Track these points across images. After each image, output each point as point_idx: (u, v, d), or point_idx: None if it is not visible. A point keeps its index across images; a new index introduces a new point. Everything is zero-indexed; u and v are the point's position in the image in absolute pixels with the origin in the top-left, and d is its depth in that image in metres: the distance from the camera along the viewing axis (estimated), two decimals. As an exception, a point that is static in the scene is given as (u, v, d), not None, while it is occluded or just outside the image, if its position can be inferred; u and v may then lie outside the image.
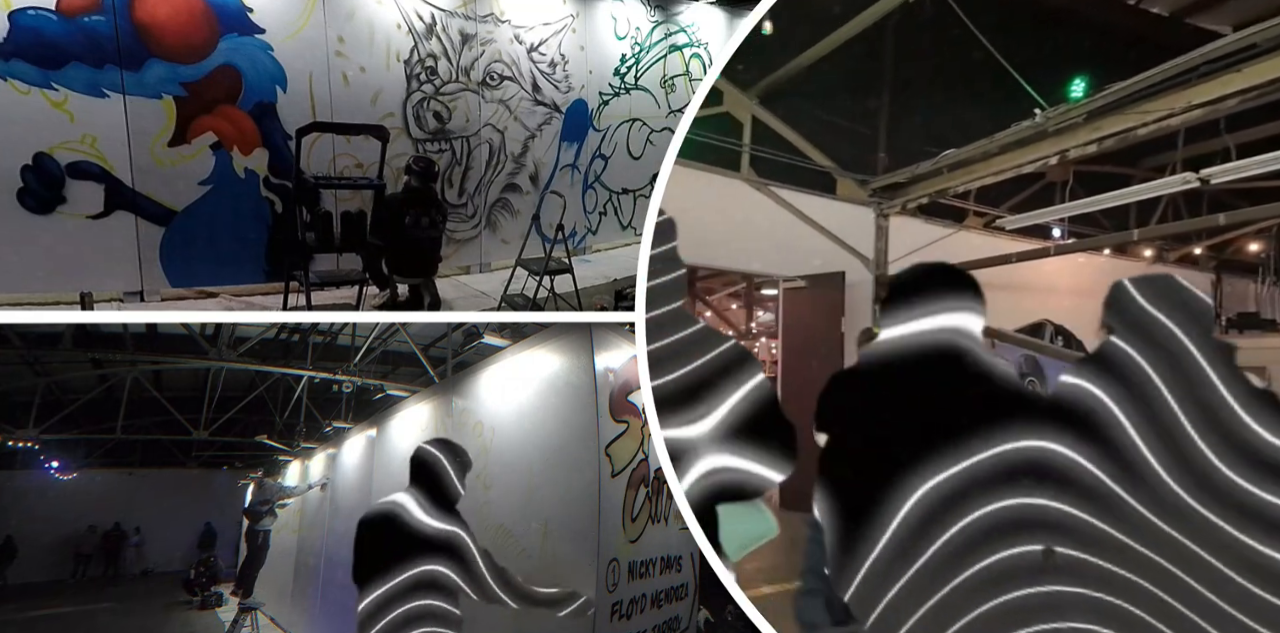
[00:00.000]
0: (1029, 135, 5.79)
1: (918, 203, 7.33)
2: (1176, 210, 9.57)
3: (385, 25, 6.51)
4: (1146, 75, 4.78)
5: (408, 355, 7.62)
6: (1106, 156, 6.45)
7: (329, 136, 6.07)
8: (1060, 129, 5.56)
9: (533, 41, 7.89)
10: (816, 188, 7.42)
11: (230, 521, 14.99)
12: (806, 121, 7.68)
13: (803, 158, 7.51)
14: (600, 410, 3.54)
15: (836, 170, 7.59)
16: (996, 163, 6.27)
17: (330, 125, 5.85)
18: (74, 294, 5.08)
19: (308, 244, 5.38)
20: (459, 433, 4.57)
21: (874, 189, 7.48)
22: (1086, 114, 5.32)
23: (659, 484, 3.92)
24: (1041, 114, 5.51)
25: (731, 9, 9.97)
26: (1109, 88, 5.06)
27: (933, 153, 6.64)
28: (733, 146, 7.25)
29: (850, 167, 7.62)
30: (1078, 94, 5.74)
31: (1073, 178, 7.73)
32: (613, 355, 3.70)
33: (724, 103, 7.46)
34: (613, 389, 3.66)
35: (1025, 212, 7.51)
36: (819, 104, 7.67)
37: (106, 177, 5.23)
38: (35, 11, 4.80)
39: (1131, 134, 5.19)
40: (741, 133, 7.65)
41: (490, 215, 7.83)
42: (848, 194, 7.60)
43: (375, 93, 6.51)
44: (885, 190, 7.48)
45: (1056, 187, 8.29)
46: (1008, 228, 7.74)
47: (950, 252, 7.17)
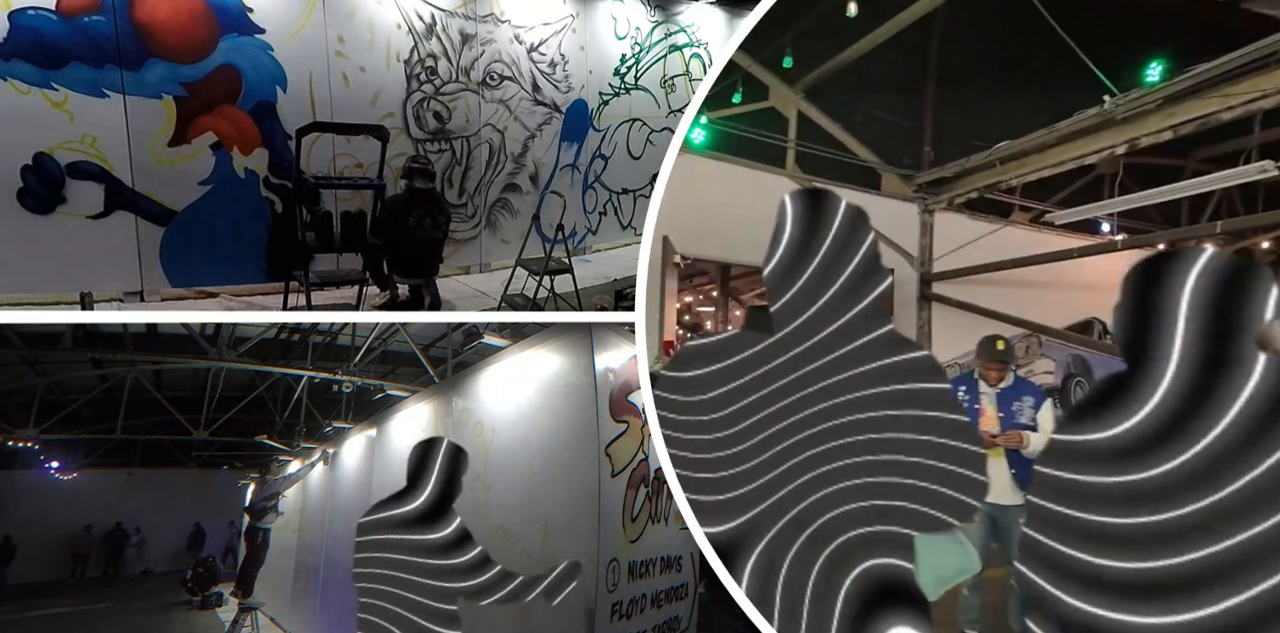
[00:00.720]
0: (1094, 124, 5.49)
1: (966, 198, 7.07)
2: (1230, 204, 9.00)
3: (385, 25, 6.51)
4: (1234, 56, 4.49)
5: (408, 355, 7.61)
6: (1154, 149, 6.08)
7: (329, 136, 6.07)
8: (1130, 116, 5.26)
9: (533, 41, 7.89)
10: (860, 184, 7.25)
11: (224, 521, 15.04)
12: (851, 116, 7.50)
13: (847, 153, 7.32)
14: (600, 410, 3.54)
15: (881, 165, 7.42)
16: (1055, 154, 5.97)
17: (330, 125, 5.85)
18: (74, 294, 5.08)
19: (308, 244, 5.38)
20: (459, 433, 4.57)
21: (919, 184, 7.26)
22: (1162, 100, 5.02)
23: (659, 484, 3.92)
24: (1111, 101, 5.21)
25: (731, 9, 9.97)
26: (1189, 70, 4.77)
27: (981, 146, 6.41)
28: (778, 142, 7.07)
29: (895, 162, 7.43)
30: (1154, 78, 5.39)
31: (1122, 170, 7.32)
32: (613, 355, 3.70)
33: (770, 98, 7.26)
34: (613, 389, 3.66)
35: (1074, 206, 7.14)
36: (864, 98, 7.48)
37: (106, 177, 5.23)
38: (35, 11, 4.80)
39: (1213, 119, 4.87)
40: (787, 128, 7.51)
41: (490, 215, 7.83)
42: (892, 190, 7.40)
43: (375, 93, 6.51)
44: (931, 185, 7.25)
45: (1105, 180, 7.85)
46: (1058, 222, 7.42)
47: (997, 248, 7.03)
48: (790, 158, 7.21)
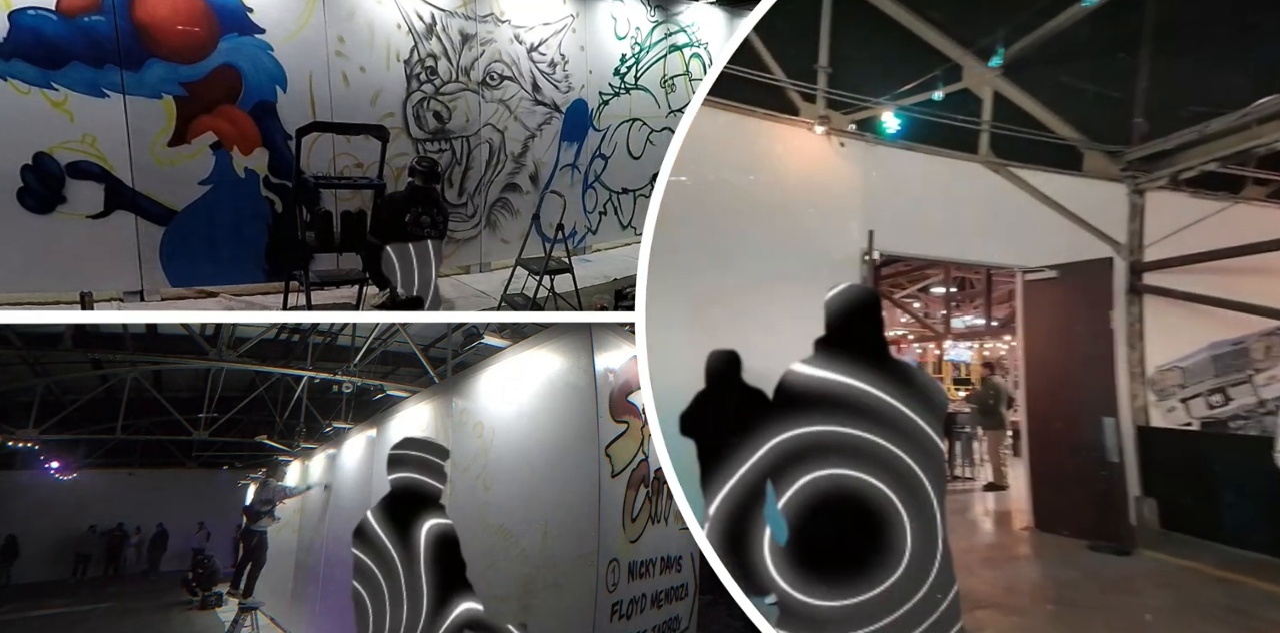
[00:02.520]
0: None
1: (1192, 173, 6.16)
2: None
3: (385, 25, 6.51)
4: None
5: (408, 355, 7.62)
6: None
7: (329, 136, 6.07)
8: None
9: (533, 41, 7.88)
10: (1058, 165, 6.50)
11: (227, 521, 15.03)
12: (1049, 90, 6.67)
13: (1045, 132, 6.56)
14: (600, 410, 3.54)
15: (1084, 143, 6.59)
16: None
17: (330, 125, 5.85)
18: (74, 294, 5.08)
19: (308, 244, 5.38)
20: (459, 433, 4.57)
21: (1129, 162, 6.42)
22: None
23: (659, 484, 3.92)
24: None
25: (731, 9, 9.97)
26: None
27: (1213, 112, 5.63)
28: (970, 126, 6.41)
29: (1100, 137, 6.58)
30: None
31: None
32: (613, 355, 3.70)
33: (963, 78, 6.54)
34: (613, 389, 3.66)
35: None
36: (1065, 68, 6.61)
37: (106, 177, 5.23)
38: (35, 11, 4.80)
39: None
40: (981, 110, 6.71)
41: (490, 215, 7.83)
42: (1095, 169, 6.58)
43: (375, 93, 6.51)
44: (1143, 162, 6.43)
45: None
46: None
47: (1226, 230, 6.09)
48: (984, 142, 6.45)
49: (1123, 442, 5.37)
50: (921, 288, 12.04)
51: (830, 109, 5.60)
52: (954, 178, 6.05)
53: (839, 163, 5.64)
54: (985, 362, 10.05)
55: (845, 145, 5.61)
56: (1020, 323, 6.47)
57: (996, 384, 8.18)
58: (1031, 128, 6.49)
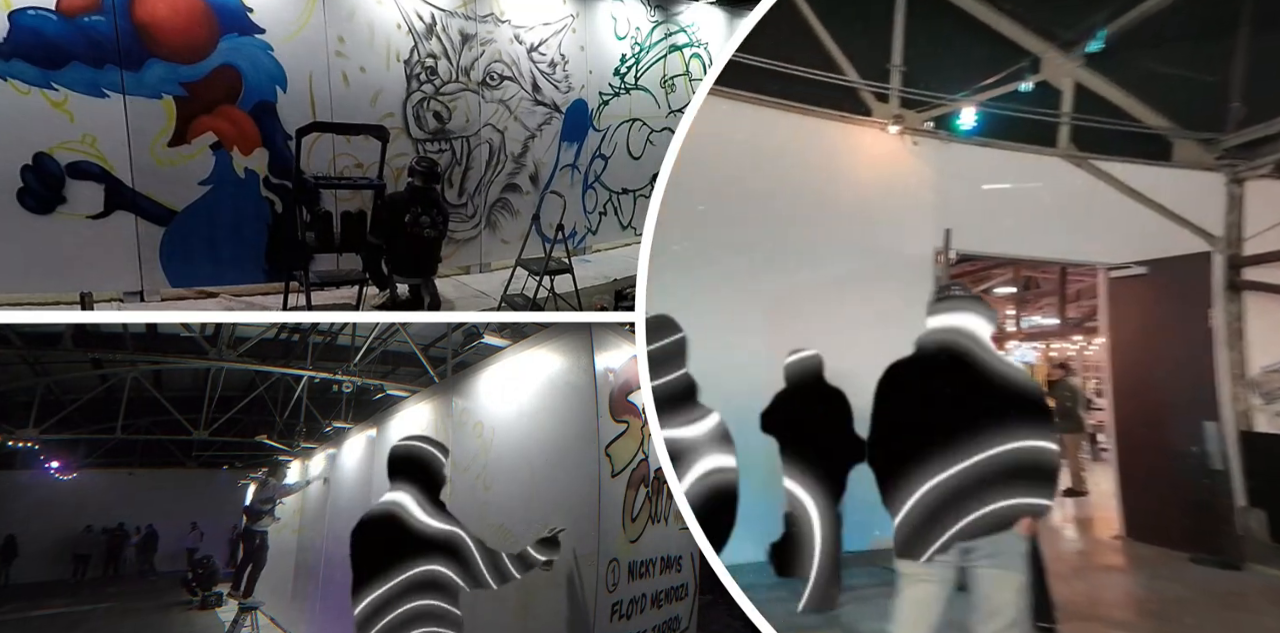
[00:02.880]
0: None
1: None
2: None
3: (385, 25, 6.51)
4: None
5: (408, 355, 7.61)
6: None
7: (329, 136, 6.07)
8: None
9: (533, 41, 7.89)
10: (1145, 156, 6.19)
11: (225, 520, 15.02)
12: (1135, 77, 6.34)
13: (1130, 121, 6.21)
14: (600, 410, 3.54)
15: (1174, 131, 6.27)
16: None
17: (330, 125, 5.85)
18: (74, 294, 5.08)
19: (308, 244, 5.38)
20: (459, 433, 4.57)
21: (1225, 149, 6.05)
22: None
23: (659, 484, 3.91)
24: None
25: (731, 9, 9.97)
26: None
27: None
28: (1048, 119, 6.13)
29: (1192, 125, 6.24)
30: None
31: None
32: (613, 355, 3.70)
33: (1041, 70, 6.32)
34: (613, 389, 3.66)
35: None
36: (1151, 54, 6.24)
37: (106, 177, 5.23)
38: (35, 11, 4.80)
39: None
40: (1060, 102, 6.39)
41: (490, 215, 7.83)
42: (1186, 159, 6.25)
43: (375, 93, 6.51)
44: (1241, 149, 6.06)
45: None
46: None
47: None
48: (1064, 135, 6.20)
49: (1226, 448, 5.08)
50: (985, 288, 11.58)
51: (904, 108, 5.49)
52: (1032, 173, 5.83)
53: (912, 161, 5.52)
54: (1059, 363, 9.59)
55: (918, 144, 5.50)
56: (1105, 322, 6.19)
57: (1073, 386, 7.94)
58: (1116, 118, 6.16)
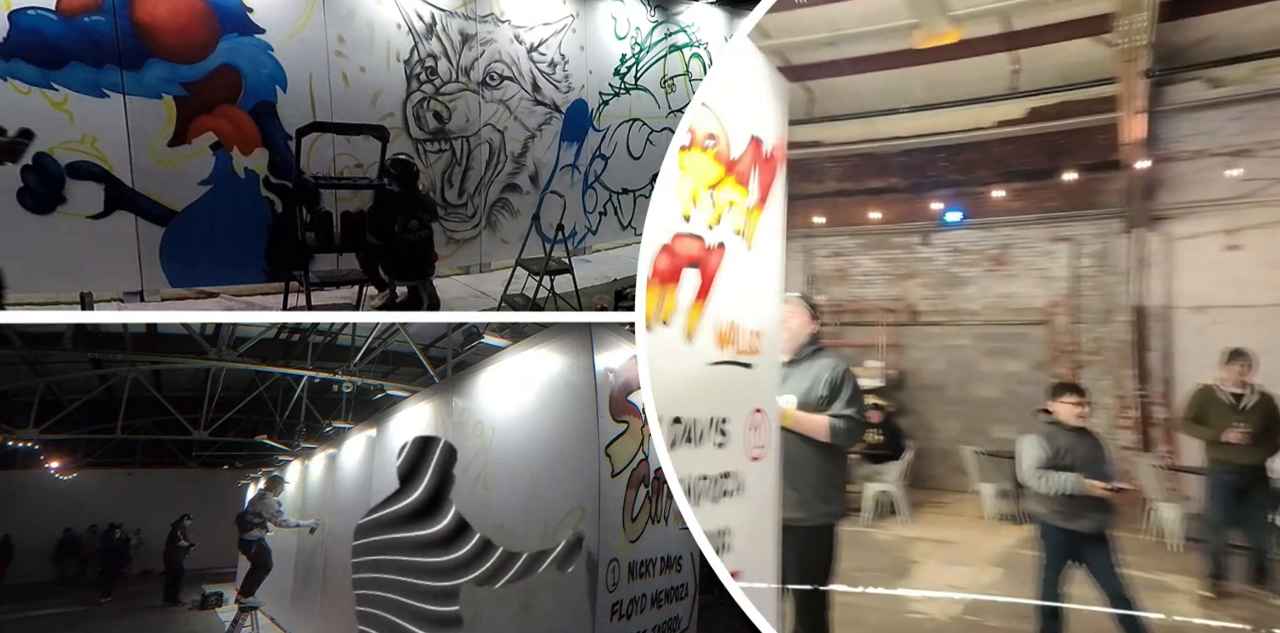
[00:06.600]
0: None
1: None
2: None
3: (385, 25, 6.51)
4: None
5: (408, 355, 7.62)
6: None
7: (329, 136, 6.07)
8: None
9: (533, 41, 7.89)
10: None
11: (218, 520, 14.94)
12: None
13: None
14: (600, 410, 3.53)
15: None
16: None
17: (330, 125, 5.85)
18: (74, 294, 5.08)
19: (308, 244, 5.38)
20: (459, 433, 4.57)
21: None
22: None
23: (659, 484, 3.91)
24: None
25: (731, 9, 9.98)
26: None
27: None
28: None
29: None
30: None
31: None
32: (613, 355, 3.70)
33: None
34: (613, 389, 3.66)
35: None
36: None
37: (106, 177, 5.23)
38: (35, 11, 4.80)
39: None
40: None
41: (490, 215, 7.83)
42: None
43: (375, 93, 6.51)
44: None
45: None
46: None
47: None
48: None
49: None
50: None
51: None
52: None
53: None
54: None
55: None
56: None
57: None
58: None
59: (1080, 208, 8.06)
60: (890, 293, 9.16)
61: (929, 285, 8.96)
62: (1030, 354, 8.39)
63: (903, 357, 9.01)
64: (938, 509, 7.69)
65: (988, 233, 8.61)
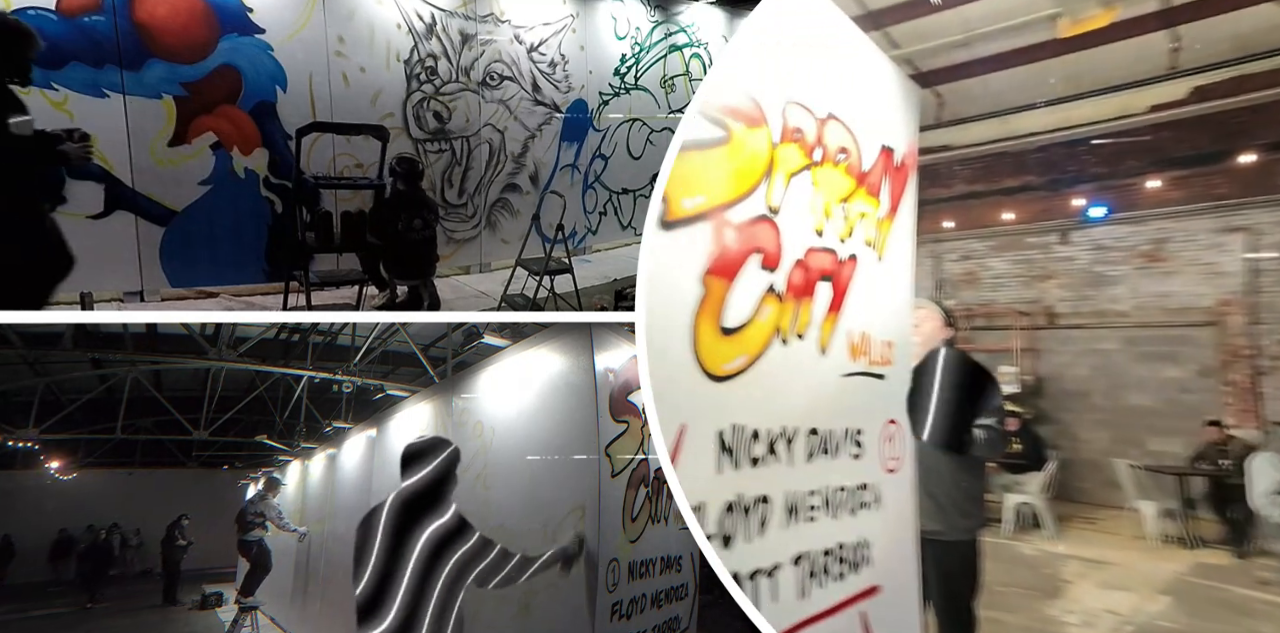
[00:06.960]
0: None
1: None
2: None
3: (385, 25, 6.51)
4: None
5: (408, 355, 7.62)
6: None
7: (329, 136, 6.07)
8: None
9: (533, 41, 7.89)
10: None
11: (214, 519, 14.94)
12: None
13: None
14: (600, 410, 3.53)
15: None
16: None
17: (330, 125, 5.85)
18: (74, 294, 5.08)
19: (308, 244, 5.38)
20: (459, 433, 4.57)
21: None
22: None
23: (659, 484, 3.91)
24: None
25: (731, 9, 9.97)
26: None
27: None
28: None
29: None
30: None
31: None
32: (613, 355, 3.70)
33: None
34: (613, 389, 3.66)
35: None
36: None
37: (106, 177, 5.22)
38: (35, 11, 4.80)
39: None
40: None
41: (490, 215, 7.83)
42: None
43: (375, 93, 6.51)
44: None
45: None
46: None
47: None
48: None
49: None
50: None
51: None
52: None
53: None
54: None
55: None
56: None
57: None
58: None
59: (1258, 194, 7.19)
60: (1025, 295, 8.64)
61: (1068, 286, 8.40)
62: (1195, 359, 7.60)
63: (1040, 362, 8.48)
64: (1087, 525, 7.11)
65: (1138, 227, 7.88)
